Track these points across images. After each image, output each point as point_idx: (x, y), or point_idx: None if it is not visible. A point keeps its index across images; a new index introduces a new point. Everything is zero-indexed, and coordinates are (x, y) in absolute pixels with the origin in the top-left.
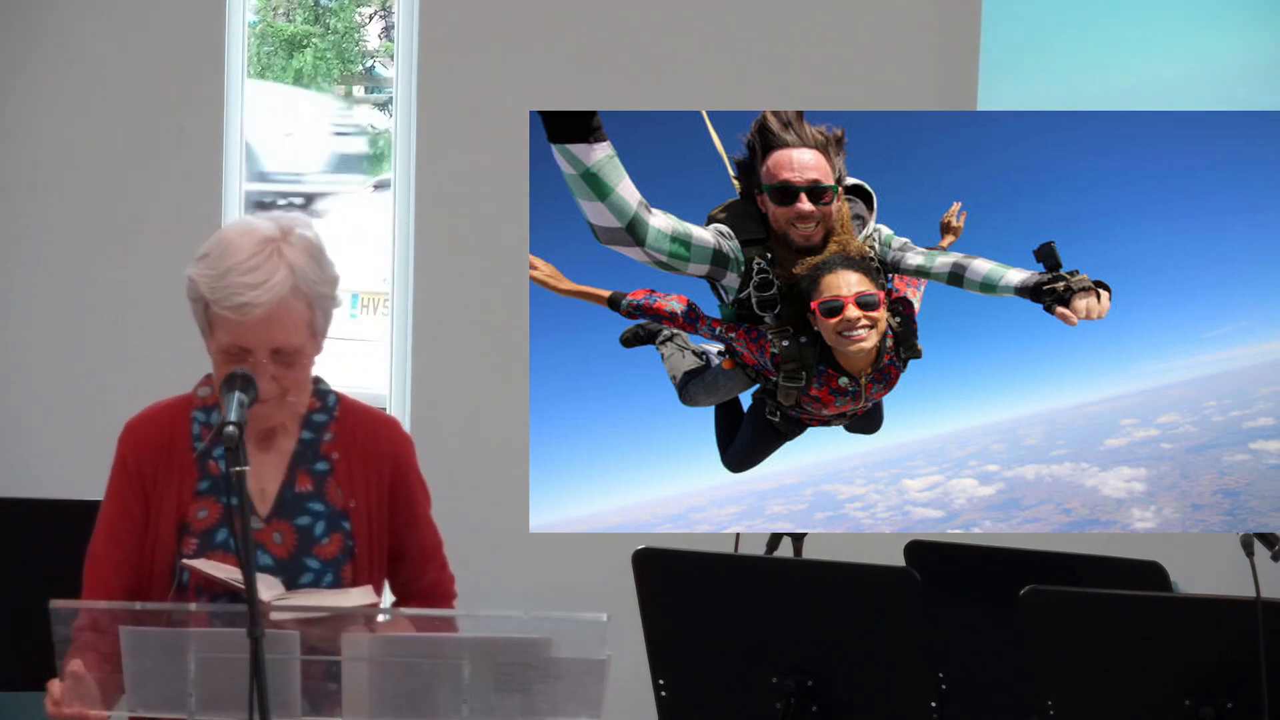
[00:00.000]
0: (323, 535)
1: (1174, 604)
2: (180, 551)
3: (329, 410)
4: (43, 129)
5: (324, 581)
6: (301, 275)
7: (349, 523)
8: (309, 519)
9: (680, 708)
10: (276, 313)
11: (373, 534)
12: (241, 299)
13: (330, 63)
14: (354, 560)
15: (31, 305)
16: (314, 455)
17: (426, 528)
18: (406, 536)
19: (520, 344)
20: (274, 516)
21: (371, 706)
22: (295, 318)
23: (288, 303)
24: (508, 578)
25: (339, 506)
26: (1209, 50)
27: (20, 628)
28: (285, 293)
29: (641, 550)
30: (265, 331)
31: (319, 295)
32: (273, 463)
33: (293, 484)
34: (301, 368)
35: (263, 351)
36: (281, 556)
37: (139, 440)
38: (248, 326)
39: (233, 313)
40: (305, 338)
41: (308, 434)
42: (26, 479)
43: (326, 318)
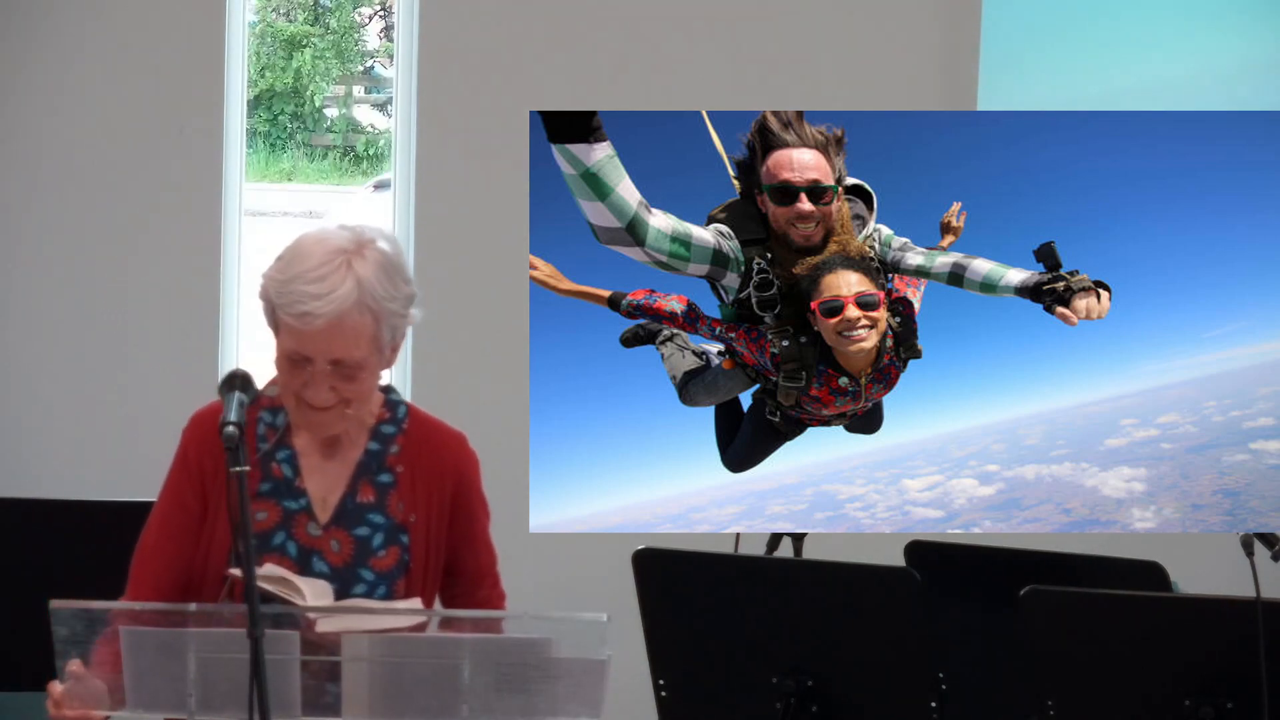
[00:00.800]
0: (380, 547)
1: (1174, 604)
2: (236, 552)
3: (398, 422)
4: (43, 129)
5: (377, 593)
6: (368, 289)
7: (407, 536)
8: (368, 530)
9: (680, 708)
10: (338, 325)
11: (430, 549)
12: (304, 308)
13: (330, 63)
14: (408, 574)
15: (31, 305)
16: (379, 467)
17: (484, 547)
18: (464, 554)
19: (520, 344)
20: (332, 524)
21: (371, 706)
22: (358, 331)
23: (350, 316)
24: (508, 578)
25: (399, 520)
26: (1209, 50)
27: (20, 628)
28: (349, 306)
29: (641, 550)
30: (325, 342)
31: (387, 311)
32: (337, 471)
33: (354, 494)
34: (362, 381)
35: (322, 361)
36: (337, 565)
37: (205, 434)
38: (308, 336)
39: (295, 320)
40: (368, 352)
41: (374, 445)
42: (26, 479)
43: (396, 333)
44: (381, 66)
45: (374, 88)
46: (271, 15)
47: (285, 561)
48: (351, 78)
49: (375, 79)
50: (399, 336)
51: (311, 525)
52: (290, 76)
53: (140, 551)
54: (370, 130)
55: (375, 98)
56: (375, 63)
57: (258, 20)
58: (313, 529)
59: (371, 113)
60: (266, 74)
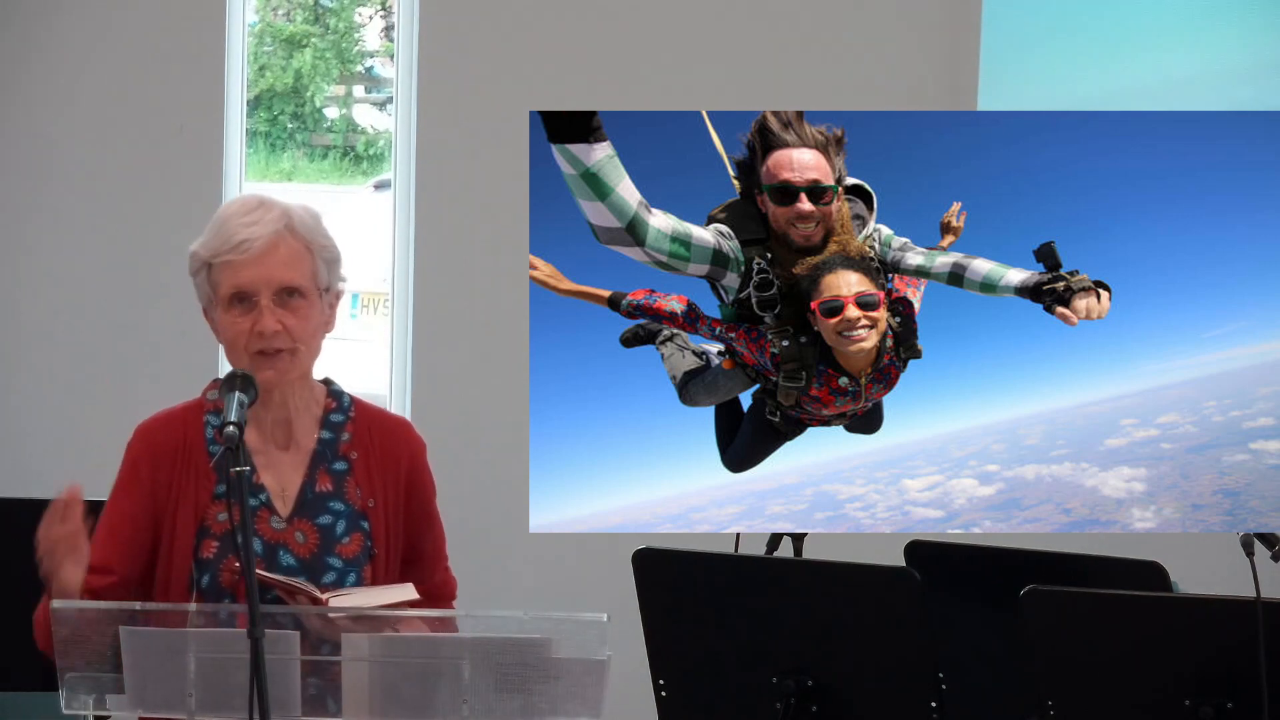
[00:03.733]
0: (343, 534)
1: (1174, 604)
2: (199, 555)
3: (345, 410)
4: (43, 129)
5: (346, 581)
6: (297, 217)
7: (368, 522)
8: (330, 518)
9: (680, 708)
10: (274, 247)
11: (390, 534)
12: (239, 237)
13: (330, 63)
14: (373, 560)
15: (31, 305)
16: (333, 455)
17: (438, 528)
18: (421, 537)
19: (520, 344)
20: (295, 516)
21: (371, 706)
22: (294, 254)
23: (285, 239)
24: (508, 578)
25: (358, 506)
26: (1209, 50)
27: (20, 628)
28: (281, 229)
29: (641, 550)
30: (266, 269)
31: (318, 245)
32: (292, 463)
33: (313, 484)
34: (307, 317)
35: (266, 293)
36: (304, 556)
37: (154, 445)
38: (248, 264)
39: (233, 253)
40: (307, 281)
41: (326, 434)
42: (26, 479)
43: (330, 273)
44: (381, 66)
45: (374, 88)
46: (272, 15)
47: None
48: (351, 77)
49: (375, 79)
50: (334, 286)
51: (274, 519)
52: (290, 76)
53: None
54: (370, 130)
55: (375, 98)
56: (375, 63)
57: (258, 20)
58: (276, 522)
59: (371, 113)
60: (266, 74)
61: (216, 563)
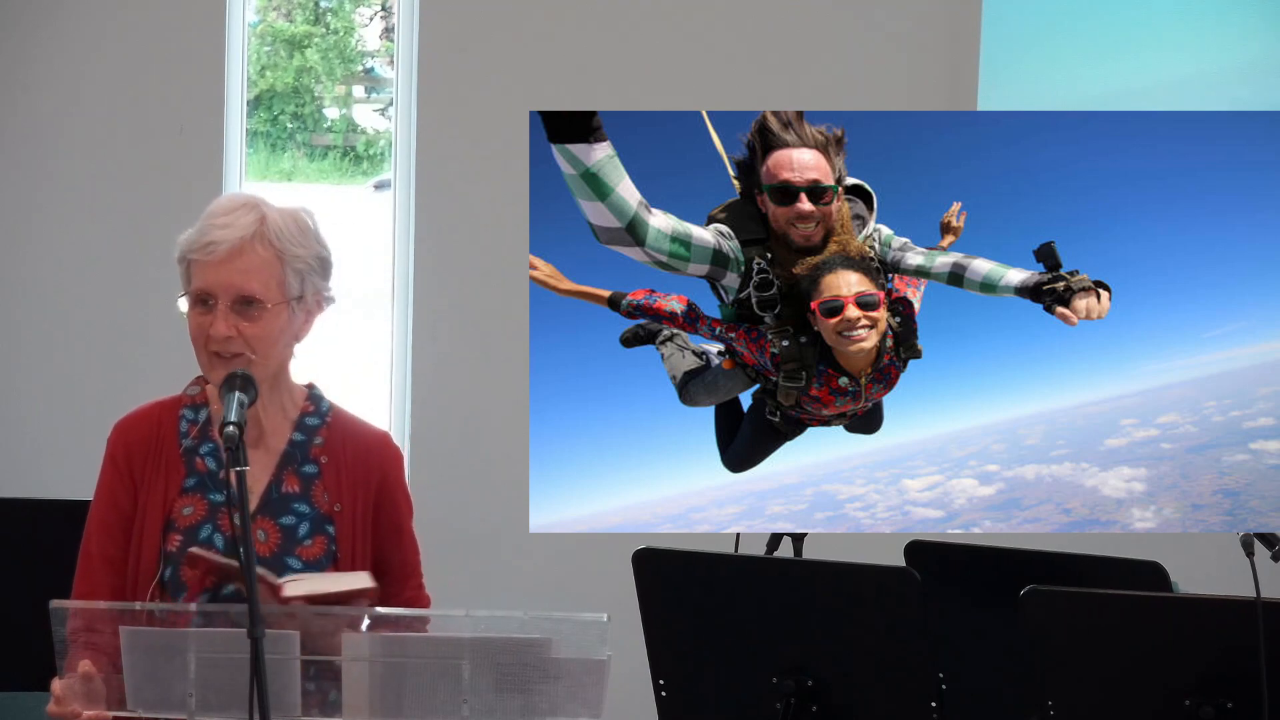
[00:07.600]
0: (306, 537)
1: (1174, 604)
2: (164, 549)
3: (321, 415)
4: (43, 129)
5: None
6: (272, 226)
7: (333, 527)
8: (293, 519)
9: (680, 708)
10: (237, 254)
11: (356, 541)
12: (208, 238)
13: (332, 63)
14: (337, 564)
15: (32, 305)
16: (303, 457)
17: (409, 543)
18: (390, 550)
19: (520, 344)
20: (258, 514)
21: (371, 706)
22: (257, 264)
23: (251, 247)
24: (508, 578)
25: (324, 510)
26: (1209, 50)
27: (20, 628)
28: (249, 236)
29: (641, 550)
30: (226, 274)
31: (290, 254)
32: (261, 462)
33: (280, 484)
34: (263, 324)
35: (225, 298)
36: (264, 554)
37: (129, 439)
38: (210, 267)
39: (200, 253)
40: (268, 290)
41: (299, 436)
42: (26, 479)
43: (305, 286)
44: (381, 67)
45: (374, 88)
46: (272, 15)
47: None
48: (352, 78)
49: (375, 79)
50: (310, 297)
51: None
52: (291, 76)
53: (84, 556)
54: (370, 130)
55: (375, 98)
56: (375, 63)
57: (258, 20)
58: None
59: (371, 113)
60: (267, 74)
61: (178, 556)
